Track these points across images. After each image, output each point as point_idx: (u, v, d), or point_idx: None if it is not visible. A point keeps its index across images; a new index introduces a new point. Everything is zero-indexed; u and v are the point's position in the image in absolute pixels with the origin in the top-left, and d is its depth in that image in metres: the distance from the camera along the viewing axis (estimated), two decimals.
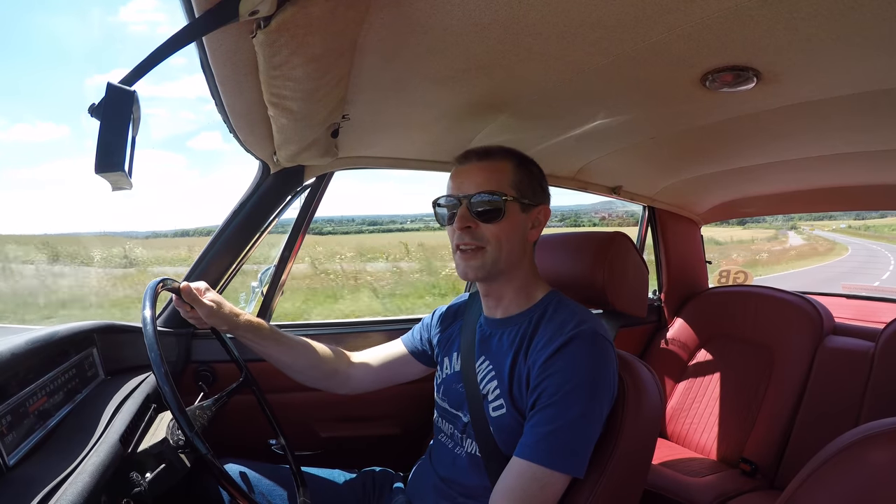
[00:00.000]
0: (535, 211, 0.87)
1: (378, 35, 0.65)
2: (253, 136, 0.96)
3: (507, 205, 0.82)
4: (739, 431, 1.62)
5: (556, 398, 0.74)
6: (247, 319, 0.93)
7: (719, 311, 1.87)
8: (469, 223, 0.82)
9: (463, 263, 0.85)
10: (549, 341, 0.77)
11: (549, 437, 0.73)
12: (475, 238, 0.83)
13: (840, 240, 37.27)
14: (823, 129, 1.09)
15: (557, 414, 0.73)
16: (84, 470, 0.65)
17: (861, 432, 0.52)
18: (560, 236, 1.15)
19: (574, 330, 0.77)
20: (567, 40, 0.68)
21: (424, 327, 1.05)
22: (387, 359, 1.05)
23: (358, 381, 1.03)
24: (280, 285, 1.35)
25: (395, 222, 43.35)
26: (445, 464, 0.90)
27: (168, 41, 0.52)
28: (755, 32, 0.65)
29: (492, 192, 0.81)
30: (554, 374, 0.75)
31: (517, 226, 0.84)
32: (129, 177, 0.52)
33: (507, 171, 0.84)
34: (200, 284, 0.90)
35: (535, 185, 0.87)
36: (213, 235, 1.21)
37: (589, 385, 0.74)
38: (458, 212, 0.83)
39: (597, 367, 0.76)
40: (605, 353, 0.78)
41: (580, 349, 0.75)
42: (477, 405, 0.84)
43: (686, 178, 1.65)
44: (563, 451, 0.72)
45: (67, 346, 0.89)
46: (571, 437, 0.73)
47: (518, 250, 0.85)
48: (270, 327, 0.97)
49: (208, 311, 0.87)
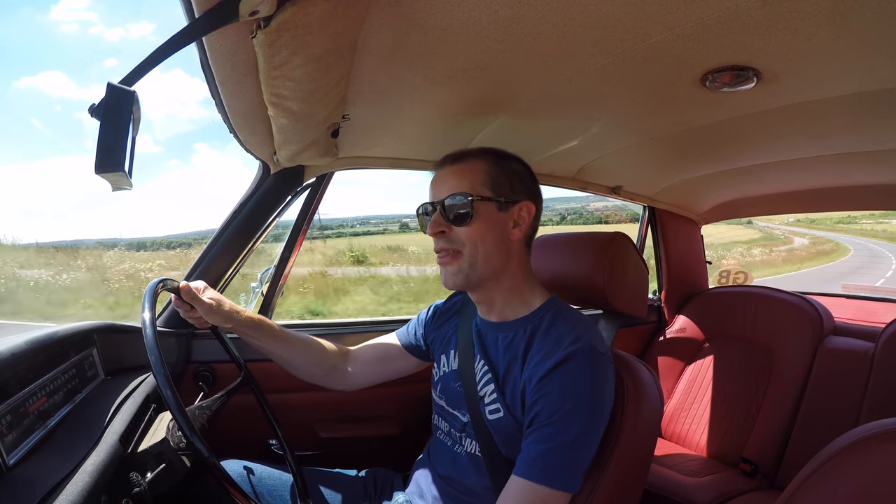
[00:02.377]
0: (514, 208, 0.84)
1: (378, 35, 0.65)
2: (253, 137, 0.96)
3: (478, 205, 0.80)
4: (739, 431, 1.62)
5: (555, 418, 0.73)
6: (248, 316, 0.93)
7: (719, 311, 1.87)
8: (441, 227, 0.82)
9: (443, 270, 0.85)
10: (546, 357, 0.76)
11: (546, 455, 0.72)
12: (450, 242, 0.82)
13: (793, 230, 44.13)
14: (823, 129, 1.09)
15: (555, 433, 0.73)
16: (84, 470, 0.65)
17: (861, 432, 0.52)
18: (560, 236, 1.15)
19: (571, 347, 0.75)
20: (567, 40, 0.68)
21: (419, 323, 1.05)
22: (382, 353, 1.05)
23: (356, 376, 1.03)
24: (280, 285, 1.35)
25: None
26: (445, 463, 0.90)
27: (168, 41, 0.52)
28: (755, 32, 0.65)
29: (461, 193, 0.80)
30: (551, 394, 0.74)
31: (493, 225, 0.82)
32: (129, 177, 0.52)
33: (479, 171, 0.83)
34: (199, 283, 0.90)
35: (513, 181, 0.84)
36: (214, 235, 1.21)
37: (587, 404, 0.74)
38: (432, 217, 0.83)
39: (594, 385, 0.75)
40: (603, 370, 0.77)
41: (578, 368, 0.74)
42: (475, 406, 0.84)
43: (686, 178, 1.65)
44: (562, 470, 0.72)
45: (67, 347, 0.89)
46: (570, 456, 0.72)
47: (498, 251, 0.83)
48: (270, 323, 0.98)
49: (208, 308, 0.87)
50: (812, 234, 41.16)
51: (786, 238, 35.71)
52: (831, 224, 44.07)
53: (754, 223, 42.42)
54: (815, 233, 42.45)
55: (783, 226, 44.10)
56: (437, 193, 0.84)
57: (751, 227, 43.48)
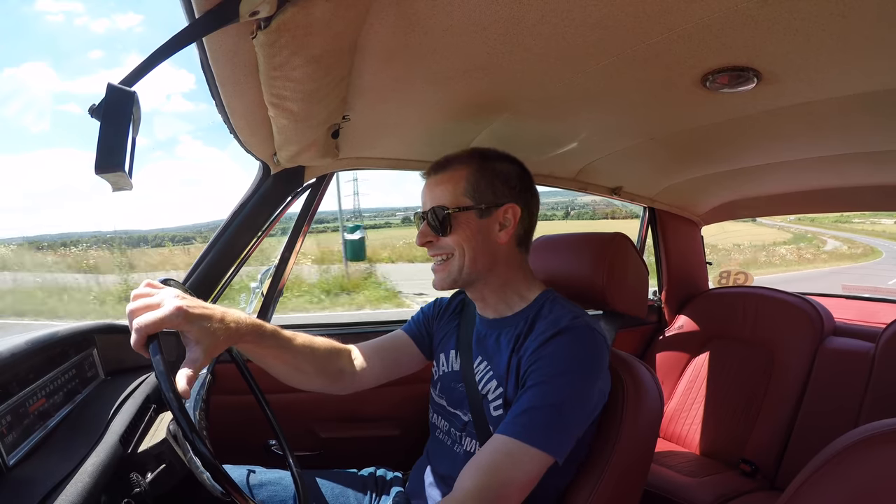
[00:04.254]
0: (498, 212, 0.84)
1: (378, 36, 0.65)
2: (253, 137, 0.96)
3: (457, 216, 0.83)
4: (739, 432, 1.62)
5: (541, 380, 0.73)
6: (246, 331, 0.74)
7: (719, 311, 1.87)
8: (428, 237, 0.86)
9: (434, 276, 0.88)
10: (542, 333, 0.78)
11: (526, 413, 0.72)
12: (439, 249, 0.86)
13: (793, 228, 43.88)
14: (823, 129, 1.09)
15: (540, 395, 0.73)
16: (84, 470, 0.65)
17: (861, 433, 0.52)
18: (559, 237, 1.15)
19: (568, 323, 0.77)
20: (567, 41, 0.68)
21: (425, 317, 1.05)
22: (390, 346, 1.03)
23: (366, 377, 0.98)
24: (280, 285, 1.35)
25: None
26: (444, 462, 0.90)
27: (168, 42, 0.52)
28: (755, 33, 0.65)
29: (441, 206, 0.84)
30: (543, 359, 0.75)
31: (476, 232, 0.83)
32: (129, 177, 0.52)
33: (460, 180, 0.84)
34: (183, 384, 0.60)
35: (497, 185, 0.85)
36: (214, 236, 1.21)
37: (577, 372, 0.74)
38: (420, 228, 0.87)
39: (587, 356, 0.75)
40: (597, 345, 0.77)
41: (572, 339, 0.76)
42: (478, 405, 0.84)
43: (686, 178, 1.65)
44: (540, 428, 0.71)
45: (67, 347, 0.89)
46: (551, 418, 0.71)
47: (485, 255, 0.84)
48: (272, 333, 0.81)
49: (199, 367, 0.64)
50: (820, 232, 41.00)
51: (818, 239, 35.35)
52: (830, 223, 44.14)
53: (780, 224, 42.46)
54: (822, 230, 42.19)
55: (790, 223, 44.24)
56: (425, 203, 0.88)
57: (776, 227, 43.44)
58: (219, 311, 0.67)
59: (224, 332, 0.67)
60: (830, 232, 39.37)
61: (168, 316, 0.60)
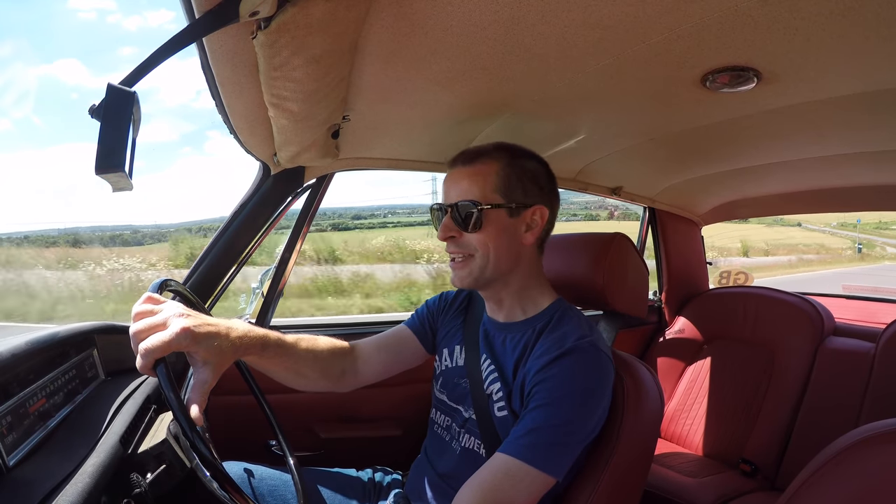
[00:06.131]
0: (527, 213, 0.83)
1: (378, 36, 0.65)
2: (253, 137, 0.96)
3: (488, 213, 0.80)
4: (740, 432, 1.62)
5: (546, 402, 0.73)
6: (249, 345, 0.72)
7: (720, 311, 1.87)
8: (451, 233, 0.83)
9: (453, 273, 0.86)
10: (548, 350, 0.77)
11: (529, 434, 0.72)
12: (460, 247, 0.83)
13: None
14: (824, 129, 1.09)
15: (543, 416, 0.73)
16: (84, 471, 0.65)
17: (861, 433, 0.52)
18: (559, 237, 1.15)
19: (575, 343, 0.76)
20: (567, 40, 0.68)
21: (429, 311, 1.04)
22: (393, 341, 1.02)
23: (368, 374, 0.98)
24: (281, 286, 1.35)
25: None
26: (442, 459, 0.90)
27: (168, 42, 0.52)
28: (755, 32, 0.65)
29: (471, 200, 0.80)
30: (548, 380, 0.74)
31: (503, 232, 0.81)
32: (129, 177, 0.52)
33: (491, 175, 0.81)
34: (195, 412, 0.61)
35: (527, 184, 0.83)
36: (214, 236, 1.21)
37: (581, 395, 0.74)
38: (443, 221, 0.83)
39: (592, 379, 0.75)
40: (604, 369, 0.77)
41: (578, 360, 0.75)
42: (482, 404, 0.84)
43: (686, 178, 1.65)
44: (542, 449, 0.71)
45: (68, 347, 0.89)
46: (554, 439, 0.72)
47: (509, 256, 0.83)
48: (276, 342, 0.79)
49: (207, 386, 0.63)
50: (871, 239, 39.19)
51: (878, 246, 33.91)
52: (872, 229, 42.78)
53: (803, 225, 41.55)
54: (869, 237, 40.03)
55: (827, 228, 43.08)
56: (449, 195, 0.84)
57: (826, 233, 42.29)
58: (223, 326, 0.66)
59: (231, 349, 0.66)
60: (880, 239, 37.79)
61: (175, 339, 0.58)
